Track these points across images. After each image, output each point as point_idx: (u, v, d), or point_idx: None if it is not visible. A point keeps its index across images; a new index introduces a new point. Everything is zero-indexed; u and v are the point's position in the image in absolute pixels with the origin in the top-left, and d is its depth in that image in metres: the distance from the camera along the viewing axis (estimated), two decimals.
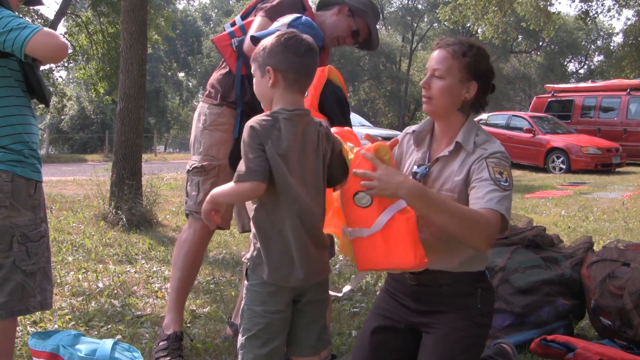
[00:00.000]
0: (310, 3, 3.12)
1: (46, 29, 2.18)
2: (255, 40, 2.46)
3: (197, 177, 3.00)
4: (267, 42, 1.97)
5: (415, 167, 2.19)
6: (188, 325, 3.40)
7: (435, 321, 2.14)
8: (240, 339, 1.96)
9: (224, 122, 2.97)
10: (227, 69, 3.01)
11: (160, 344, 2.86)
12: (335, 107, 2.70)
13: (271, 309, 1.94)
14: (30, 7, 20.10)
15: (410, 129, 2.32)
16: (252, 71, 2.02)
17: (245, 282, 2.00)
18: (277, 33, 1.99)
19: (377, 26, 3.34)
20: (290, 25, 2.63)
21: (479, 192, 1.99)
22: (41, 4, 2.83)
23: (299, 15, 2.72)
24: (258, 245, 1.95)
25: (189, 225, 3.03)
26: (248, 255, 1.99)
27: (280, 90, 1.95)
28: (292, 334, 2.02)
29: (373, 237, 1.95)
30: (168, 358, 2.78)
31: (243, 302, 2.00)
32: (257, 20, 2.92)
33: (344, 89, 2.79)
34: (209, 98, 3.05)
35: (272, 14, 2.86)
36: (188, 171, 3.04)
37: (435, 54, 2.14)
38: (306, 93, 2.34)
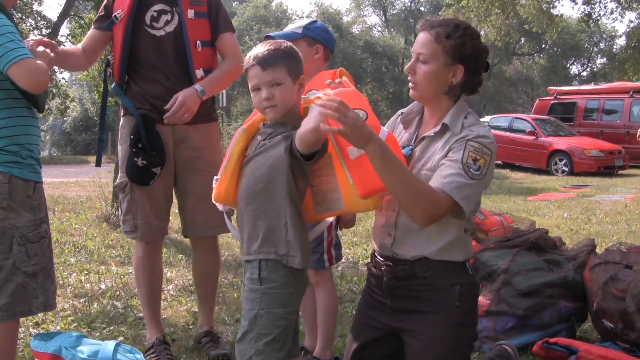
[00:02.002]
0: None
1: (33, 60, 2.19)
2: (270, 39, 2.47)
3: (120, 196, 2.99)
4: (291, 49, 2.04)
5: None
6: (190, 327, 3.41)
7: (414, 328, 2.06)
8: (255, 345, 1.92)
9: (127, 132, 2.90)
10: None
11: (148, 352, 2.91)
12: None
13: (290, 309, 1.97)
14: (34, 9, 20.13)
15: (400, 111, 2.26)
16: (274, 79, 1.98)
17: (259, 286, 1.96)
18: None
19: (380, 27, 3.39)
20: (305, 27, 2.72)
21: (443, 171, 1.93)
22: None
23: (313, 19, 2.81)
24: (289, 237, 1.94)
25: (134, 247, 3.08)
26: (265, 254, 1.96)
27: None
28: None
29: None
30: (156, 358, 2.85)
31: (254, 307, 1.95)
32: None
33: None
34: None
35: None
36: None
37: (420, 36, 2.05)
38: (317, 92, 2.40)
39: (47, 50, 2.40)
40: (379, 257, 2.18)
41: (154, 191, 2.89)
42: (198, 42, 2.85)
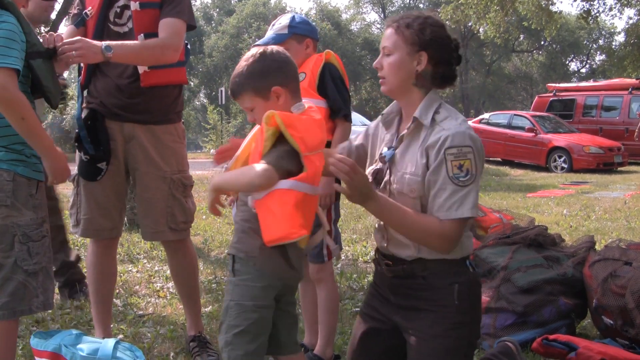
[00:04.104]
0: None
1: (11, 73, 2.15)
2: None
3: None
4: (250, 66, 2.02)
5: (385, 148, 2.12)
6: None
7: (414, 326, 2.07)
8: (225, 336, 1.96)
9: None
10: None
11: None
12: (331, 84, 2.72)
13: (261, 303, 1.97)
14: None
15: (382, 112, 2.27)
16: (247, 107, 2.04)
17: (232, 277, 2.01)
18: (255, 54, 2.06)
19: (379, 25, 3.35)
20: (290, 27, 2.72)
21: (437, 199, 1.94)
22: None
23: (291, 15, 2.78)
24: (257, 240, 1.96)
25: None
26: (236, 250, 2.02)
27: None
28: (275, 336, 2.05)
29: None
30: None
31: (227, 297, 2.01)
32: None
33: (344, 73, 2.81)
34: None
35: None
36: None
37: (385, 33, 2.08)
38: (303, 76, 2.46)
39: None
40: (380, 255, 2.19)
41: (101, 188, 2.82)
42: (141, 35, 2.70)
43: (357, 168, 1.86)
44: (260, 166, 1.89)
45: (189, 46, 3.04)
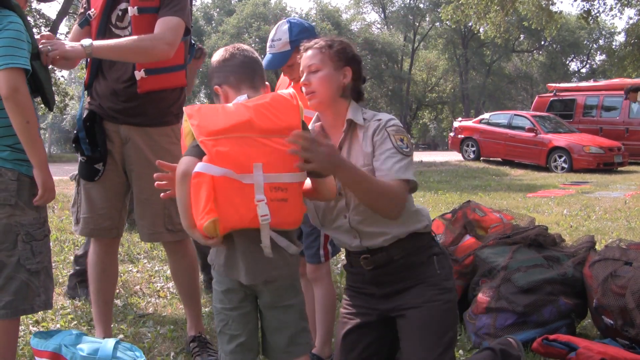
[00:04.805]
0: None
1: (18, 73, 2.17)
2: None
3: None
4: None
5: None
6: None
7: (403, 302, 2.24)
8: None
9: None
10: None
11: None
12: None
13: (227, 306, 2.01)
14: (33, 7, 20.11)
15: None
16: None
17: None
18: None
19: (380, 25, 3.36)
20: (292, 42, 2.74)
21: (386, 164, 2.13)
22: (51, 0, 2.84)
23: (286, 24, 2.78)
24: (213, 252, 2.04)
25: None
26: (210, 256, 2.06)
27: None
28: (263, 339, 2.05)
29: None
30: None
31: None
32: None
33: None
34: None
35: None
36: None
37: (305, 55, 2.28)
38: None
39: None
40: (354, 254, 2.33)
41: (99, 188, 2.83)
42: None
43: (318, 140, 1.90)
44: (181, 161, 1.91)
45: (195, 46, 3.04)
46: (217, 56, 2.16)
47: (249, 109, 1.92)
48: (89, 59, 2.80)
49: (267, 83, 2.16)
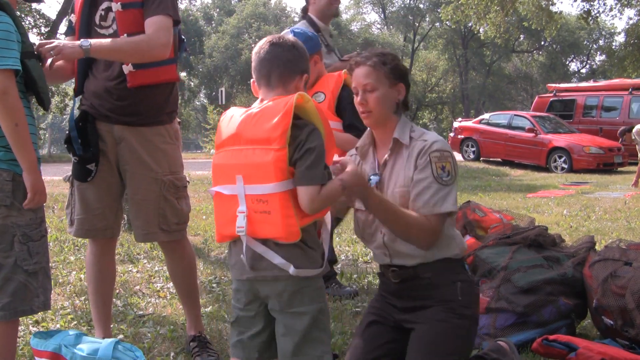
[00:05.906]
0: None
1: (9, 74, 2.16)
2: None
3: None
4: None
5: (370, 177, 2.33)
6: None
7: (418, 318, 2.28)
8: None
9: None
10: None
11: None
12: (349, 108, 2.91)
13: (236, 305, 2.09)
14: (32, 7, 20.11)
15: (355, 146, 2.48)
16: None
17: None
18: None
19: (380, 25, 3.48)
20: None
21: (422, 196, 2.18)
22: (41, 1, 2.83)
23: (290, 30, 2.95)
24: None
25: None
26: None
27: None
28: (274, 343, 2.05)
29: None
30: None
31: None
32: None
33: None
34: None
35: None
36: None
37: (357, 71, 2.29)
38: (323, 96, 2.56)
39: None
40: (384, 266, 2.40)
41: (93, 189, 2.82)
42: (124, 35, 2.67)
43: (351, 171, 2.01)
44: None
45: (185, 41, 3.04)
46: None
47: (240, 121, 1.98)
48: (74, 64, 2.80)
49: (305, 75, 2.08)
